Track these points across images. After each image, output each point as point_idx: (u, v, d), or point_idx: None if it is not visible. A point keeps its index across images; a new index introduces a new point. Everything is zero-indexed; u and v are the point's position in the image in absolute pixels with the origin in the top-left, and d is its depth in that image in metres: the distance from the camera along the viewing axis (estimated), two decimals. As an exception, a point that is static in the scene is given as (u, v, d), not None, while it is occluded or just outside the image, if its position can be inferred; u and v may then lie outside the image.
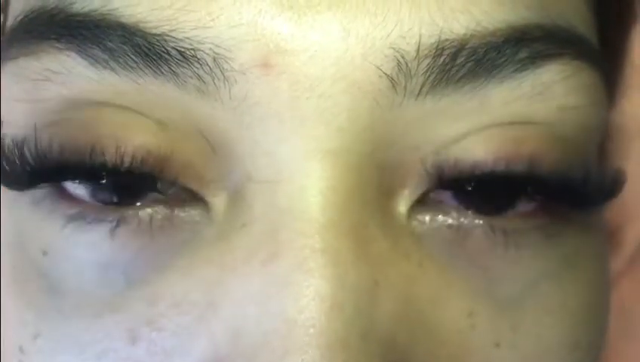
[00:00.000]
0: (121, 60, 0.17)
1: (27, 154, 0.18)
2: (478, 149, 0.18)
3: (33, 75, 0.18)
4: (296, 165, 0.17)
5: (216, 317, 0.17)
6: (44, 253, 0.19)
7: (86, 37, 0.17)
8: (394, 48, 0.17)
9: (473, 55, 0.17)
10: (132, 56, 0.17)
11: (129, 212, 0.18)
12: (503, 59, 0.17)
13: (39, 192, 0.19)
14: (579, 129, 0.18)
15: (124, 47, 0.17)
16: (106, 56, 0.17)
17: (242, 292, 0.17)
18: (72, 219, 0.18)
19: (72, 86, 0.18)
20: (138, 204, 0.18)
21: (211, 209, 0.18)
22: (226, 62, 0.17)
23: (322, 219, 0.17)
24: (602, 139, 0.20)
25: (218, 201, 0.18)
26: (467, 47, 0.17)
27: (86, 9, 0.17)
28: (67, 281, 0.18)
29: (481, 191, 0.18)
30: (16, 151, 0.18)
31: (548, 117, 0.18)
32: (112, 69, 0.17)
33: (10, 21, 0.19)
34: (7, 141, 0.18)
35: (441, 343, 0.18)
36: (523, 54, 0.17)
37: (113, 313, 0.18)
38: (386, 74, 0.17)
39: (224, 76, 0.17)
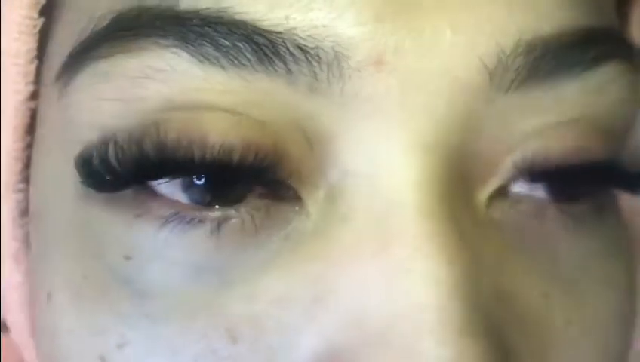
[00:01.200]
0: (233, 58, 0.17)
1: (119, 153, 0.18)
2: (554, 144, 0.19)
3: (131, 72, 0.18)
4: (397, 159, 0.17)
5: (326, 311, 0.17)
6: (128, 258, 0.18)
7: (197, 34, 0.17)
8: (495, 44, 0.17)
9: (556, 54, 0.18)
10: (247, 54, 0.17)
11: (230, 211, 0.18)
12: (576, 59, 0.18)
13: (123, 196, 0.18)
14: (625, 121, 0.20)
15: (240, 44, 0.17)
16: (218, 54, 0.17)
17: (355, 283, 0.17)
18: (168, 221, 0.18)
19: (174, 84, 0.18)
20: (237, 203, 0.18)
21: (306, 205, 0.18)
22: (345, 60, 0.17)
23: (426, 209, 0.17)
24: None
25: (313, 198, 0.18)
26: (552, 46, 0.18)
27: (195, 7, 0.17)
28: (157, 285, 0.18)
29: (554, 181, 0.19)
30: (108, 150, 0.18)
31: (607, 112, 0.19)
32: (222, 67, 0.17)
33: (91, 22, 0.18)
34: (94, 141, 0.18)
35: (523, 322, 0.18)
36: (591, 54, 0.18)
37: (209, 314, 0.18)
38: (487, 68, 0.17)
39: (340, 73, 0.17)
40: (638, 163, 0.20)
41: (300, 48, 0.17)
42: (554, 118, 0.19)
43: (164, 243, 0.18)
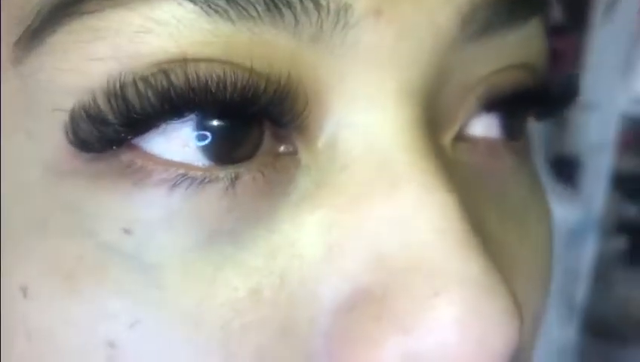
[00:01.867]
0: (242, 9, 0.16)
1: (120, 102, 0.16)
2: (502, 82, 0.20)
3: (129, 27, 0.16)
4: (390, 107, 0.18)
5: (345, 256, 0.17)
6: (128, 232, 0.17)
7: None
8: None
9: (507, 8, 0.19)
10: (256, 5, 0.16)
11: (240, 169, 0.17)
12: (518, 13, 0.20)
13: (114, 164, 0.17)
14: (545, 65, 0.22)
15: None
16: (227, 6, 0.16)
17: (369, 225, 0.17)
18: (177, 183, 0.17)
19: (179, 37, 0.16)
20: (246, 160, 0.17)
21: (305, 158, 0.18)
22: (350, 9, 0.17)
23: (422, 150, 0.18)
24: None
25: (312, 150, 0.18)
26: (507, 1, 0.19)
27: None
28: (165, 256, 0.17)
29: (504, 115, 0.21)
30: (104, 103, 0.16)
31: (536, 57, 0.21)
32: (229, 19, 0.16)
33: None
34: (86, 99, 0.16)
35: (490, 243, 0.19)
36: (527, 10, 0.20)
37: (228, 277, 0.17)
38: (463, 17, 0.18)
39: (344, 23, 0.17)
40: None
41: (302, 3, 0.17)
42: (502, 63, 0.20)
43: (172, 210, 0.17)
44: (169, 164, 0.17)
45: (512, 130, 0.22)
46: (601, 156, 0.89)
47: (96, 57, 0.17)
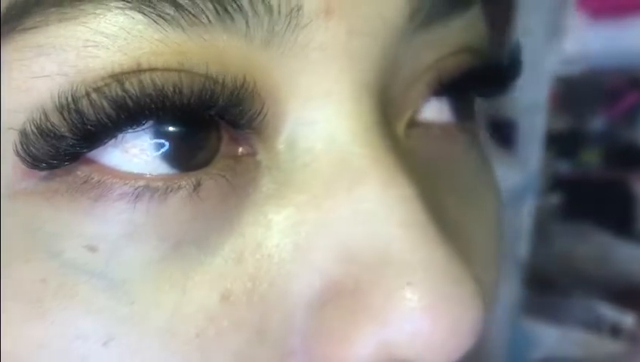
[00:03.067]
0: (192, 17, 0.16)
1: (74, 115, 0.16)
2: (450, 66, 0.20)
3: (76, 42, 0.16)
4: (346, 103, 0.18)
5: (311, 252, 0.18)
6: (92, 249, 0.17)
7: None
8: None
9: None
10: (206, 12, 0.16)
11: (201, 175, 0.17)
12: (460, 1, 0.20)
13: (69, 181, 0.17)
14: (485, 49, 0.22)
15: (200, 2, 0.16)
16: (177, 14, 0.16)
17: (335, 222, 0.18)
18: (139, 195, 0.17)
19: (130, 49, 0.16)
20: (205, 166, 0.17)
21: (265, 158, 0.18)
22: (300, 10, 0.17)
23: (380, 145, 0.18)
24: None
25: (271, 151, 0.18)
26: None
27: None
28: (133, 270, 0.17)
29: (453, 97, 0.21)
30: (56, 117, 0.16)
31: (478, 42, 0.21)
32: (179, 27, 0.16)
33: None
34: (36, 116, 0.16)
35: (447, 225, 0.19)
36: None
37: (198, 285, 0.17)
38: (411, 8, 0.18)
39: (296, 24, 0.17)
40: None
41: (262, 1, 0.16)
42: (448, 49, 0.20)
43: (136, 223, 0.17)
44: (128, 176, 0.17)
45: (463, 113, 0.22)
46: (535, 117, 0.91)
47: (42, 74, 0.16)
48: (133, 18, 0.16)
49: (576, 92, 1.10)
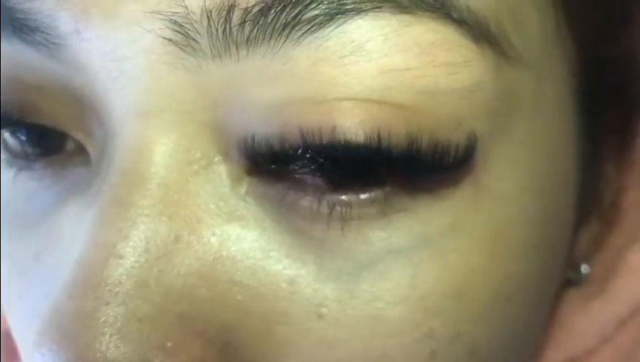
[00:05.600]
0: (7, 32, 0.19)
1: None
2: (294, 123, 0.17)
3: None
4: (118, 124, 0.18)
5: (61, 248, 0.20)
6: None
7: None
8: (171, 12, 0.17)
9: (247, 16, 0.17)
10: (5, 25, 0.19)
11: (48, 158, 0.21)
12: (287, 20, 0.17)
13: None
14: (417, 93, 0.17)
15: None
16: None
17: (72, 235, 0.19)
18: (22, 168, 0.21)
19: None
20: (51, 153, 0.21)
21: (91, 158, 0.20)
22: (51, 30, 0.18)
23: (131, 174, 0.18)
24: (489, 101, 0.18)
25: (94, 151, 0.20)
26: (239, 7, 0.17)
27: None
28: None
29: (318, 163, 0.18)
30: None
31: (371, 80, 0.17)
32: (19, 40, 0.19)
33: None
34: None
35: (257, 302, 0.18)
36: (314, 12, 0.17)
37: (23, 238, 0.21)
38: (166, 38, 0.17)
39: (62, 42, 0.18)
40: (444, 153, 0.18)
41: (23, 23, 0.18)
42: (290, 88, 0.17)
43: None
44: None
45: (331, 180, 0.20)
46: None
47: None
48: None
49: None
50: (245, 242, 0.18)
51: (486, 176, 0.19)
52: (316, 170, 0.18)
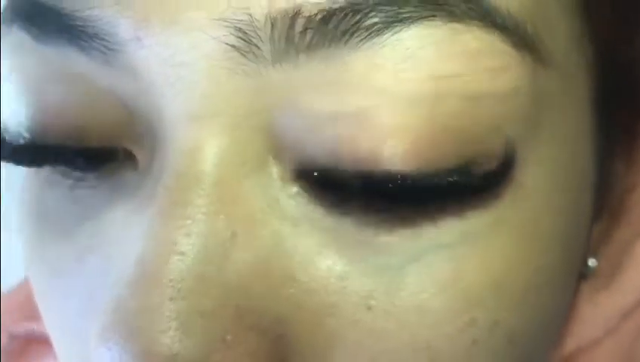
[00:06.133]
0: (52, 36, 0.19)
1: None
2: (345, 149, 0.18)
3: None
4: (171, 129, 0.19)
5: (110, 249, 0.20)
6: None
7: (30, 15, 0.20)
8: (236, 19, 0.18)
9: (310, 23, 0.18)
10: (57, 33, 0.19)
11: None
12: (347, 27, 0.17)
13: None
14: (465, 99, 0.18)
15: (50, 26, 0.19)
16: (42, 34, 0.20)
17: (120, 236, 0.20)
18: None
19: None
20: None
21: (139, 164, 0.20)
22: (110, 37, 0.19)
23: (186, 176, 0.18)
24: (528, 106, 0.19)
25: (144, 156, 0.20)
26: (302, 15, 0.17)
27: None
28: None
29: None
30: None
31: (421, 87, 0.18)
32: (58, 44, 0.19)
33: None
34: None
35: (308, 295, 0.19)
36: (373, 20, 0.17)
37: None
38: (229, 44, 0.18)
39: (114, 49, 0.19)
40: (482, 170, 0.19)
41: (85, 32, 0.19)
42: (343, 96, 0.18)
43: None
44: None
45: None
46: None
47: None
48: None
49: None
50: (297, 239, 0.19)
51: (522, 176, 0.20)
52: (364, 191, 0.18)
